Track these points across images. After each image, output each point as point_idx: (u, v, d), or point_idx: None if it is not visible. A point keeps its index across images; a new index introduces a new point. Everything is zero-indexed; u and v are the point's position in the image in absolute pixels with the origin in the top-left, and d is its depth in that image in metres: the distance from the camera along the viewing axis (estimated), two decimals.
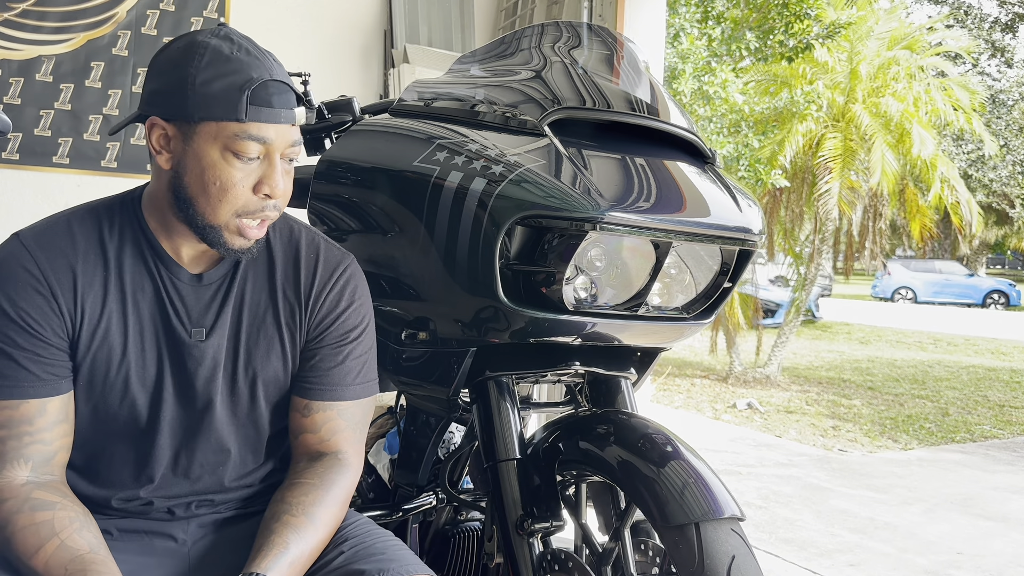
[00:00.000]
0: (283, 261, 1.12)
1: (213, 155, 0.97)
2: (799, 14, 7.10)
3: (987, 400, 7.61)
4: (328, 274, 1.13)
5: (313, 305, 1.11)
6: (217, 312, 1.07)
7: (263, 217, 1.02)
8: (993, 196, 21.03)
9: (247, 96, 0.96)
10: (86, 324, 1.02)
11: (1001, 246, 26.57)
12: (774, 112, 8.40)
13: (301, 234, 1.15)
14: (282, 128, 1.00)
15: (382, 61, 3.29)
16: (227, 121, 0.96)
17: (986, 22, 20.22)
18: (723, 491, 1.07)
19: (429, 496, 1.57)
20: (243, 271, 1.10)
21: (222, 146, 0.97)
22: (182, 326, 1.05)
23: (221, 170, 0.98)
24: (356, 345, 1.13)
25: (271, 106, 0.98)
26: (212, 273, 1.08)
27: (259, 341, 1.09)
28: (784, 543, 3.45)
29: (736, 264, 1.27)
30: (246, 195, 0.99)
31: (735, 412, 6.77)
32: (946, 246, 24.17)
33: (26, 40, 2.72)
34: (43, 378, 0.99)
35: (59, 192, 2.77)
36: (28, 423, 0.98)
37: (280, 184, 1.00)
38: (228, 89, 0.96)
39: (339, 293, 1.12)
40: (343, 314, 1.12)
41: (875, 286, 21.44)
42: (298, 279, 1.11)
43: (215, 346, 1.06)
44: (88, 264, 1.02)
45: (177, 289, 1.06)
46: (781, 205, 9.28)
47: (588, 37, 1.40)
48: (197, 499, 1.10)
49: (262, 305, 1.10)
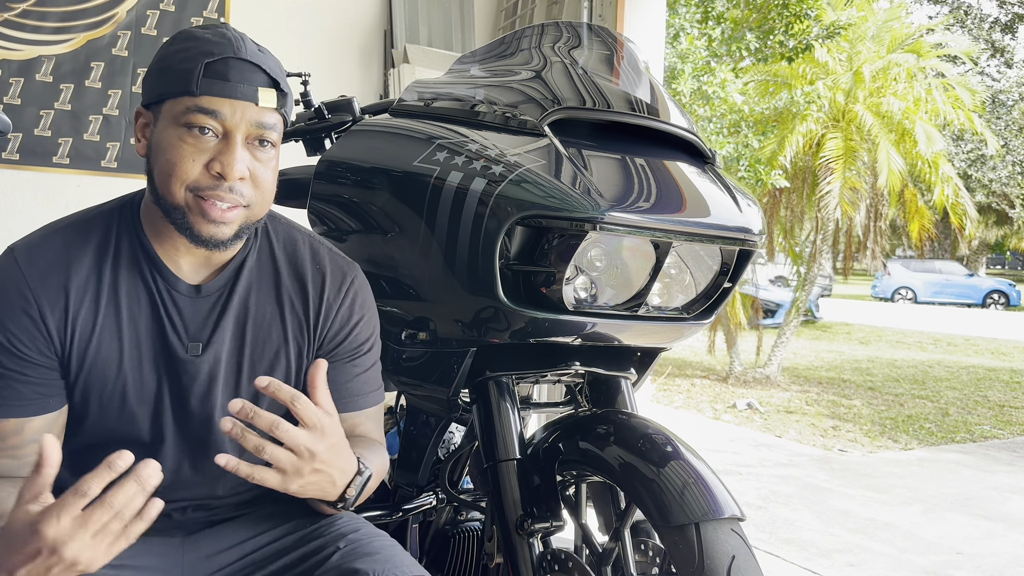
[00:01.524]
0: (288, 272, 1.10)
1: (171, 133, 0.95)
2: (799, 14, 7.10)
3: (987, 400, 7.61)
4: (336, 288, 1.11)
5: (323, 322, 1.09)
6: (215, 325, 1.04)
7: (220, 198, 0.95)
8: (993, 196, 21.04)
9: (201, 68, 0.94)
10: (76, 342, 0.99)
11: (1001, 246, 26.57)
12: (774, 112, 8.41)
13: (306, 244, 1.13)
14: (239, 105, 0.95)
15: (382, 61, 3.30)
16: (182, 96, 0.94)
17: (986, 22, 20.22)
18: (723, 491, 1.07)
19: (429, 496, 1.57)
20: (246, 282, 1.07)
21: (177, 122, 0.95)
22: (178, 340, 1.02)
23: (175, 146, 0.95)
24: (368, 356, 1.14)
25: (227, 79, 0.94)
26: (211, 284, 1.04)
27: (263, 355, 1.07)
28: (784, 543, 3.45)
29: (736, 264, 1.27)
30: (196, 170, 0.95)
31: (735, 412, 6.77)
32: (946, 246, 24.17)
33: (26, 40, 2.72)
34: (31, 398, 0.97)
35: (59, 192, 2.77)
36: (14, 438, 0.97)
37: (236, 166, 0.94)
38: (185, 63, 0.95)
39: (349, 308, 1.11)
40: (355, 329, 1.12)
41: (875, 286, 21.45)
42: (305, 293, 1.09)
43: (211, 360, 1.03)
44: (81, 280, 1.00)
45: (175, 301, 1.03)
46: (781, 205, 9.28)
47: (588, 37, 1.40)
48: (194, 503, 1.09)
49: (267, 318, 1.07)
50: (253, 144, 0.98)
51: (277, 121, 1.00)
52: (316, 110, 1.54)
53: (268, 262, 1.09)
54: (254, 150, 0.98)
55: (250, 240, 1.08)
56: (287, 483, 0.90)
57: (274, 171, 1.02)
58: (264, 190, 1.00)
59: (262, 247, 1.10)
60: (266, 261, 1.09)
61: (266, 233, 1.11)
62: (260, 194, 1.00)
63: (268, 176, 1.00)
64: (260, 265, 1.09)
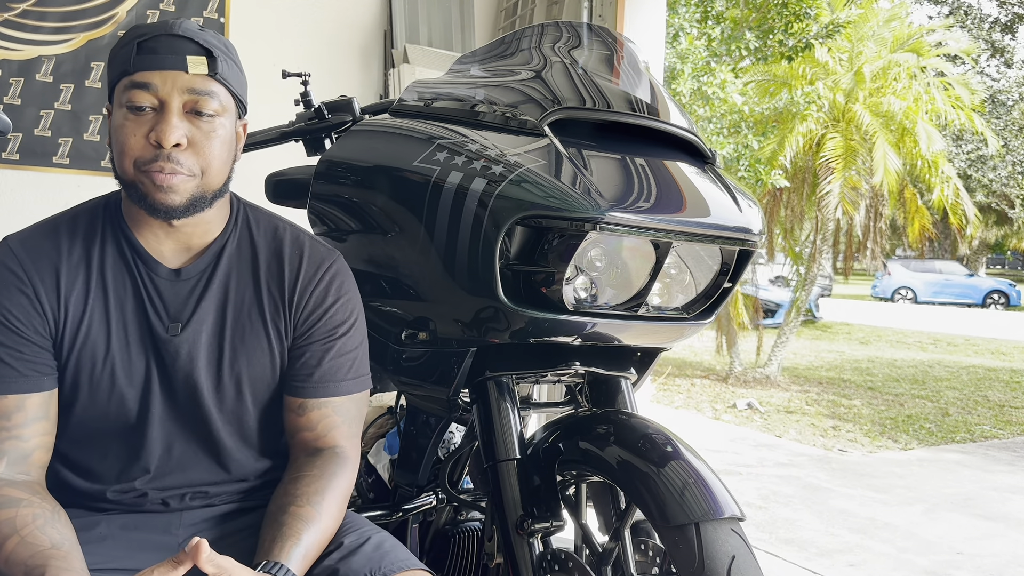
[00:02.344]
0: (267, 258, 1.13)
1: (118, 116, 1.01)
2: (799, 14, 7.10)
3: (987, 400, 7.61)
4: (313, 270, 1.13)
5: (298, 302, 1.12)
6: (195, 306, 1.08)
7: (160, 168, 0.99)
8: (993, 196, 21.04)
9: (134, 48, 1.00)
10: (69, 323, 1.04)
11: (1001, 246, 26.57)
12: (774, 112, 8.41)
13: (286, 232, 1.16)
14: (170, 75, 0.99)
15: (382, 61, 3.29)
16: (123, 78, 1.01)
17: (986, 22, 20.22)
18: (723, 491, 1.07)
19: (429, 496, 1.57)
20: (226, 267, 1.10)
21: (121, 104, 1.01)
22: (159, 320, 1.07)
23: (120, 126, 1.00)
24: (346, 340, 1.14)
25: (156, 53, 0.99)
26: (191, 268, 1.09)
27: (244, 337, 1.10)
28: (784, 543, 3.45)
29: (736, 264, 1.27)
30: (139, 144, 0.99)
31: (735, 412, 6.77)
32: (946, 246, 24.17)
33: (26, 40, 2.72)
34: (25, 374, 1.01)
35: (59, 192, 2.77)
36: (5, 418, 1.00)
37: (170, 134, 0.98)
38: (124, 48, 1.02)
39: (325, 289, 1.13)
40: (330, 309, 1.13)
41: (875, 286, 21.45)
42: (282, 276, 1.12)
43: (190, 340, 1.07)
44: (71, 265, 1.05)
45: (155, 285, 1.07)
46: (781, 205, 9.29)
47: (588, 37, 1.40)
48: (192, 491, 1.10)
49: (247, 301, 1.11)
50: (191, 115, 1.01)
51: (216, 90, 1.03)
52: (316, 110, 1.54)
53: (248, 248, 1.13)
54: (194, 119, 1.01)
55: (229, 226, 1.12)
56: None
57: (222, 141, 1.04)
58: (209, 158, 1.03)
59: (242, 234, 1.14)
60: (246, 247, 1.13)
61: (246, 221, 1.15)
62: (205, 162, 1.02)
63: (213, 146, 1.03)
64: (240, 251, 1.12)
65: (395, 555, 1.03)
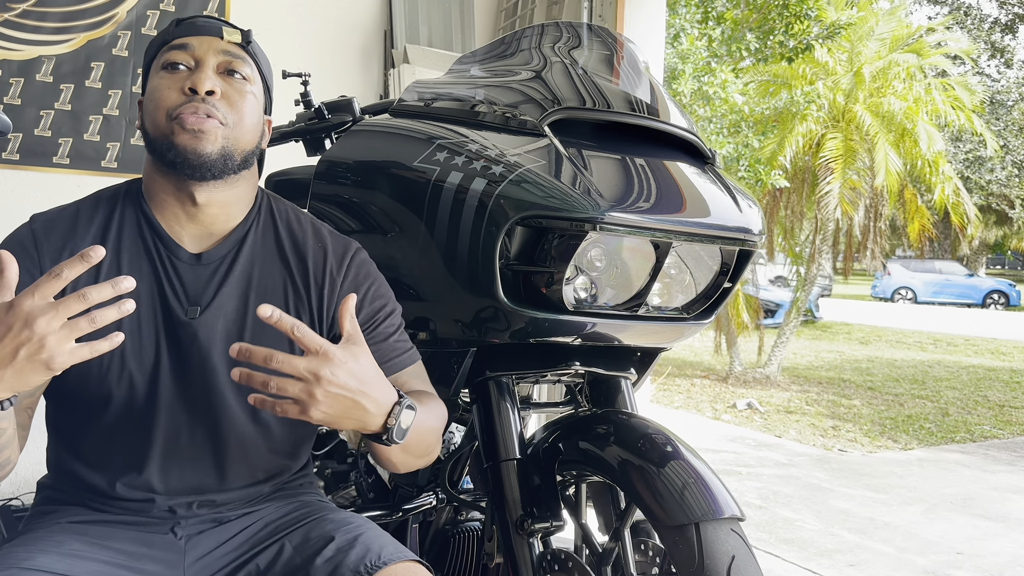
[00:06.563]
0: (291, 249, 1.13)
1: (154, 81, 1.06)
2: (799, 14, 7.10)
3: (987, 400, 7.61)
4: (338, 263, 1.14)
5: (331, 297, 1.12)
6: (216, 291, 1.07)
7: (195, 110, 1.02)
8: (992, 197, 21.04)
9: (174, 24, 1.09)
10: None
11: (1001, 246, 26.58)
12: (774, 112, 8.41)
13: (308, 223, 1.17)
14: (206, 39, 1.06)
15: (382, 61, 3.29)
16: (162, 50, 1.07)
17: (986, 23, 20.22)
18: (723, 491, 1.07)
19: (429, 496, 1.57)
20: (249, 254, 1.10)
21: (157, 70, 1.06)
22: (178, 303, 1.06)
23: (156, 87, 1.05)
24: (390, 321, 1.14)
25: (195, 23, 1.08)
26: (212, 253, 1.08)
27: (267, 325, 1.06)
28: (784, 543, 3.45)
29: (736, 264, 1.27)
30: (174, 96, 1.03)
31: (735, 412, 6.77)
32: (946, 246, 24.18)
33: (26, 40, 2.72)
34: None
35: (59, 192, 2.76)
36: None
37: (205, 81, 1.03)
38: (161, 34, 1.10)
39: (354, 280, 1.14)
40: (366, 297, 1.13)
41: (875, 286, 21.45)
42: (305, 268, 1.12)
43: (209, 324, 1.06)
44: (84, 245, 1.05)
45: (175, 268, 1.07)
46: (781, 205, 9.29)
47: (588, 37, 1.40)
48: (199, 499, 1.09)
49: (270, 289, 1.10)
50: (224, 73, 1.06)
51: (247, 61, 1.09)
52: (316, 110, 1.54)
53: (271, 237, 1.13)
54: (226, 78, 1.06)
55: (252, 213, 1.13)
56: (306, 411, 0.89)
57: (252, 107, 1.08)
58: (241, 112, 1.06)
59: (265, 223, 1.14)
60: (270, 236, 1.13)
61: (269, 210, 1.16)
62: (237, 115, 1.05)
63: (245, 102, 1.07)
64: (264, 239, 1.13)
65: (389, 548, 1.03)
